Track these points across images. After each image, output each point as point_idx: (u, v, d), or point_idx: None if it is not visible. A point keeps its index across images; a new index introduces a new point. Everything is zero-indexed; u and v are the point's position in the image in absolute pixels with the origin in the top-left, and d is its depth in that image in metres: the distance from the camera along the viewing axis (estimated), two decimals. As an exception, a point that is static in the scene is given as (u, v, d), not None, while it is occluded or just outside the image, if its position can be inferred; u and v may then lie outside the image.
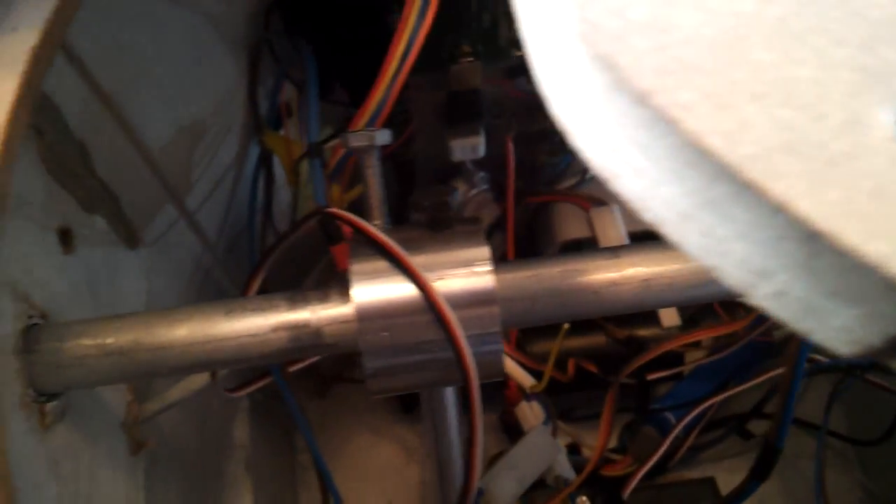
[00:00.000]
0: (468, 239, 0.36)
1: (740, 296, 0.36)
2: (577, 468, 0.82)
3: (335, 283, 0.38)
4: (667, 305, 0.38)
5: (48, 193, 0.41)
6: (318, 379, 0.93)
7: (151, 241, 0.54)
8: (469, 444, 0.36)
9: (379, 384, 0.37)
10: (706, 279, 0.37)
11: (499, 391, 0.75)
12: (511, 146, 0.70)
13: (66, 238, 0.42)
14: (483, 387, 0.39)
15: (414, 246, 0.36)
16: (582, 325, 0.83)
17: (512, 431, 0.82)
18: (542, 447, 0.58)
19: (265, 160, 0.59)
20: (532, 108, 0.69)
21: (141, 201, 0.52)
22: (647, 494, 0.83)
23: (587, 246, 0.73)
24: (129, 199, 0.50)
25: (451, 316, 0.34)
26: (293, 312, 0.36)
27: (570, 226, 0.74)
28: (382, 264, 0.35)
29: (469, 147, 0.68)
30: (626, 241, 0.72)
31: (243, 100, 0.60)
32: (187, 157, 0.56)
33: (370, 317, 0.35)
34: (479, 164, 0.73)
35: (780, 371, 0.73)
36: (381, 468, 0.89)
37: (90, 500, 0.41)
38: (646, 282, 0.37)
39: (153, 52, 0.48)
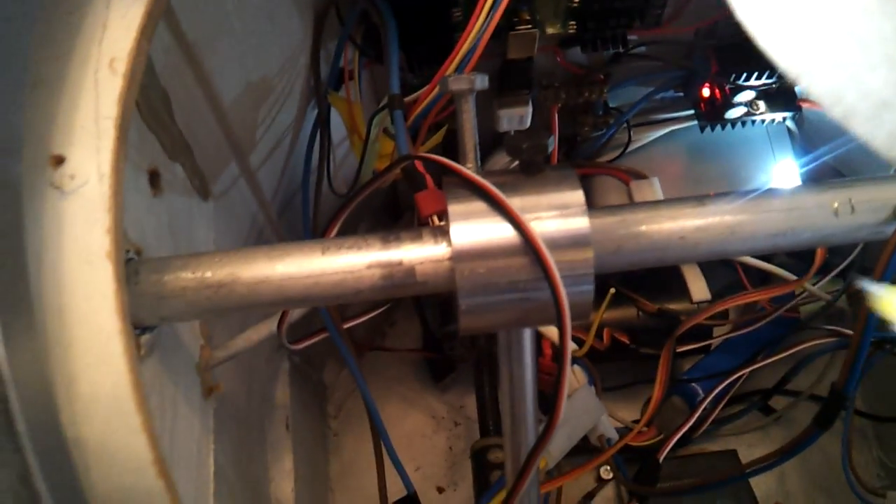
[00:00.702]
0: (562, 182, 0.37)
1: (820, 244, 0.37)
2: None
3: (426, 226, 0.39)
4: (750, 253, 0.39)
5: (140, 135, 0.42)
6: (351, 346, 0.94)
7: (218, 195, 0.55)
8: (557, 382, 0.37)
9: (470, 322, 0.38)
10: (789, 227, 0.38)
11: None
12: (556, 117, 0.71)
13: (154, 180, 0.43)
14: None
15: (509, 188, 0.37)
16: (614, 299, 0.84)
17: (546, 398, 0.84)
18: (588, 405, 0.60)
19: (323, 123, 0.60)
20: (580, 80, 0.70)
21: (211, 154, 0.53)
22: (671, 465, 0.85)
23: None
24: (201, 151, 0.51)
25: (549, 257, 0.36)
26: (387, 251, 0.38)
27: (611, 199, 0.75)
28: (479, 205, 0.37)
29: (516, 117, 0.69)
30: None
31: (306, 61, 0.61)
32: (253, 114, 0.57)
33: (467, 255, 0.36)
34: (523, 135, 0.74)
35: (807, 345, 0.75)
36: (410, 435, 0.91)
37: (172, 435, 0.43)
38: (730, 228, 0.38)
39: (233, 4, 0.49)
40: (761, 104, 0.71)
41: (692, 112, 0.74)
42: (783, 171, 0.76)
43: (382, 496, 0.63)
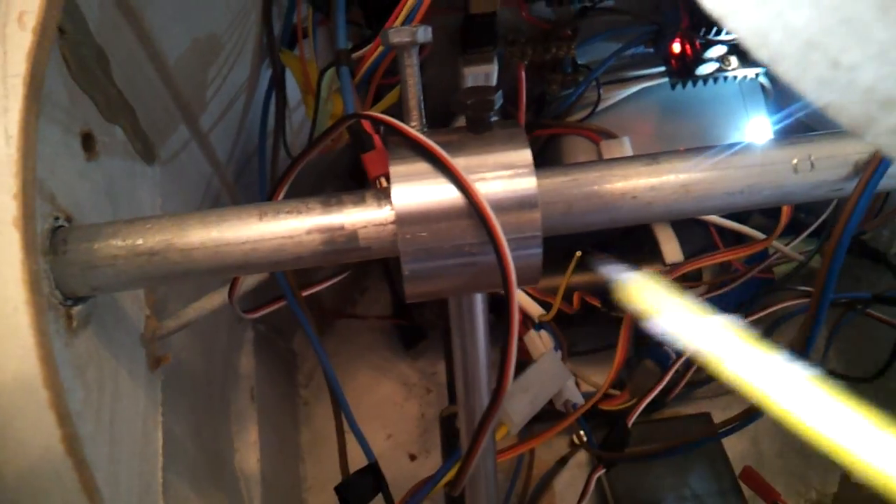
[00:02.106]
0: (510, 140, 0.35)
1: (780, 202, 0.35)
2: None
3: (369, 189, 0.37)
4: (708, 212, 0.38)
5: (71, 96, 0.40)
6: (320, 315, 0.93)
7: (166, 159, 0.53)
8: (504, 349, 0.36)
9: (415, 288, 0.36)
10: (746, 185, 0.37)
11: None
12: (523, 75, 0.69)
13: (88, 143, 0.41)
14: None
15: (454, 147, 0.35)
16: (585, 262, 0.83)
17: (519, 363, 0.83)
18: (553, 371, 0.59)
19: (278, 83, 0.58)
20: (547, 36, 0.68)
21: (156, 116, 0.51)
22: (645, 427, 0.85)
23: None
24: (146, 113, 0.49)
25: (494, 219, 0.34)
26: (328, 215, 0.36)
27: (580, 159, 0.74)
28: (423, 166, 0.35)
29: (482, 75, 0.67)
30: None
31: (258, 17, 0.58)
32: (202, 74, 0.55)
33: (410, 218, 0.35)
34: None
35: (780, 306, 0.74)
36: (381, 403, 0.90)
37: (113, 410, 0.41)
38: (685, 187, 0.37)
39: (171, -44, 0.47)
40: (733, 59, 0.69)
41: (663, 69, 0.72)
42: (757, 128, 0.75)
43: (343, 465, 0.61)
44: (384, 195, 0.36)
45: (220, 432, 0.69)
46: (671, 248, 0.81)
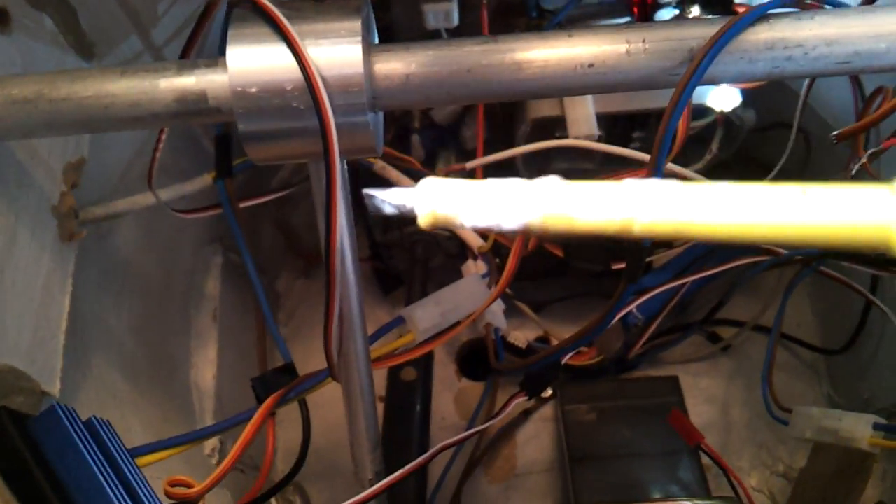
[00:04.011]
0: (345, 10, 0.38)
1: (617, 87, 0.36)
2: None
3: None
4: (542, 93, 0.39)
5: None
6: (304, 257, 0.97)
7: (110, 60, 0.57)
8: (326, 208, 0.38)
9: (255, 151, 0.39)
10: (577, 64, 0.38)
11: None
12: (486, 18, 0.71)
13: (2, 17, 0.45)
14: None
15: (295, 14, 0.37)
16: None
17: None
18: (472, 291, 0.60)
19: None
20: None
21: (101, 19, 0.54)
22: (611, 386, 0.85)
23: (558, 124, 0.74)
24: (88, 12, 0.53)
25: (319, 82, 0.36)
26: (182, 76, 0.39)
27: (542, 104, 0.74)
28: (263, 29, 0.37)
29: (442, 13, 0.69)
30: (594, 121, 0.72)
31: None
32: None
33: (244, 80, 0.37)
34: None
35: (738, 263, 0.73)
36: (356, 345, 0.92)
37: (4, 257, 0.44)
38: (517, 64, 0.38)
39: None
40: (695, 9, 0.69)
41: (628, 19, 0.73)
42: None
43: (262, 363, 0.64)
44: (236, 60, 0.38)
45: (175, 343, 0.73)
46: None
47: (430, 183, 0.28)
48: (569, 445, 0.80)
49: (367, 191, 0.28)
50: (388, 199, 0.28)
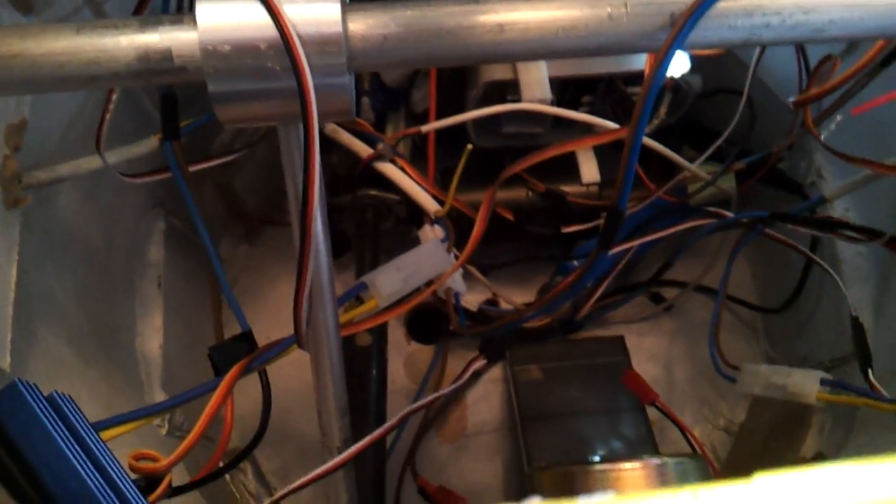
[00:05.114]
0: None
1: (599, 51, 0.36)
2: (493, 318, 0.84)
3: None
4: (525, 55, 0.38)
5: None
6: (247, 222, 0.94)
7: (49, 16, 0.53)
8: (305, 173, 0.37)
9: (226, 112, 0.37)
10: (559, 27, 0.37)
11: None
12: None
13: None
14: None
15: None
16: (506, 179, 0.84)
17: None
18: (432, 256, 0.59)
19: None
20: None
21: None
22: (559, 347, 0.86)
23: (510, 88, 0.74)
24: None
25: (296, 39, 0.35)
26: (145, 32, 0.37)
27: (495, 67, 0.74)
28: (234, -15, 0.36)
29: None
30: (548, 85, 0.72)
31: None
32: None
33: (214, 38, 0.35)
34: None
35: (685, 225, 0.75)
36: (303, 311, 0.91)
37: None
38: (499, 25, 0.37)
39: None
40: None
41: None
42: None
43: (218, 333, 0.63)
44: (201, 16, 0.37)
45: (120, 311, 0.70)
46: (589, 169, 0.82)
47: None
48: (519, 406, 0.81)
49: None
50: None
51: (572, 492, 0.49)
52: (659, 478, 0.46)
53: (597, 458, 0.57)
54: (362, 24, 0.37)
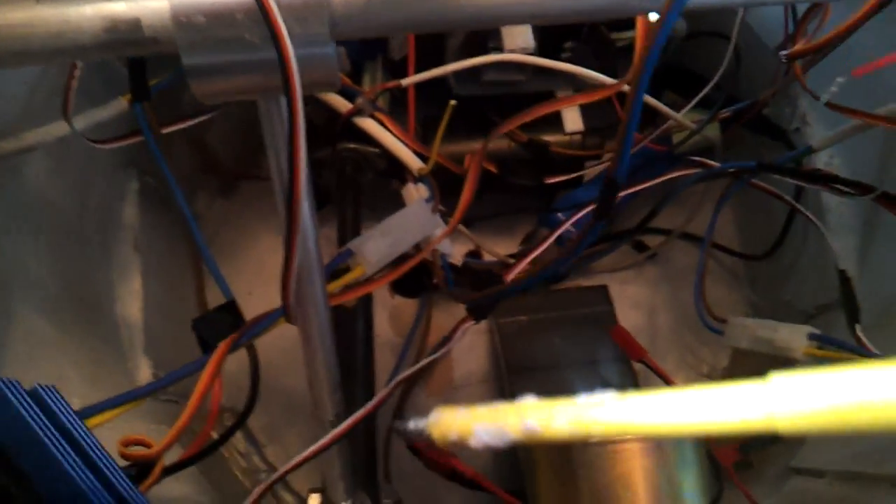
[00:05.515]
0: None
1: (593, 15, 0.34)
2: (476, 270, 0.84)
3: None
4: (521, 18, 0.37)
5: None
6: (222, 176, 0.92)
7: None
8: (289, 143, 0.35)
9: (202, 87, 0.35)
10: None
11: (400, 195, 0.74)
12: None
13: None
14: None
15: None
16: (486, 129, 0.82)
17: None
18: (418, 218, 0.58)
19: None
20: None
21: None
22: (543, 297, 0.85)
23: (492, 35, 0.71)
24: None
25: (275, 8, 0.33)
26: (111, 1, 0.34)
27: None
28: (205, -51, 0.33)
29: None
30: (530, 34, 0.70)
31: None
32: None
33: (187, 5, 0.33)
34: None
35: (670, 176, 0.74)
36: (284, 266, 0.89)
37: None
38: (488, -11, 0.35)
39: None
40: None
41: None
42: None
43: (201, 302, 0.62)
44: (172, -16, 0.34)
45: (97, 278, 0.68)
46: (572, 118, 0.80)
47: (438, 414, 0.37)
48: (505, 357, 0.81)
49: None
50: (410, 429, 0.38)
51: (572, 467, 0.49)
52: (656, 451, 0.46)
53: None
54: (345, -10, 0.35)
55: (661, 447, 0.46)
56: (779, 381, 0.25)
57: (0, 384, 0.34)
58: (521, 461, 0.61)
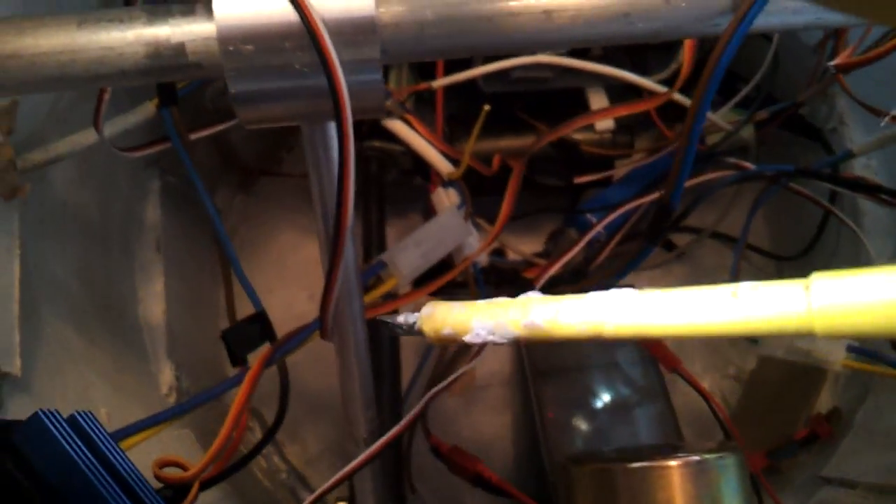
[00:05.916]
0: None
1: (654, 36, 0.33)
2: (501, 269, 0.83)
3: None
4: (573, 43, 0.35)
5: None
6: (242, 172, 0.90)
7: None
8: (340, 178, 0.34)
9: (248, 113, 0.34)
10: (613, 14, 0.34)
11: (425, 192, 0.73)
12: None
13: None
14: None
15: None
16: (514, 126, 0.80)
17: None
18: (451, 227, 0.57)
19: None
20: None
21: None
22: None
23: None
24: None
25: (326, 37, 0.31)
26: (153, 26, 0.33)
27: None
28: (251, -29, 0.32)
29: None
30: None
31: None
32: None
33: (234, 33, 0.32)
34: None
35: (705, 178, 0.72)
36: (304, 263, 0.89)
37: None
38: (547, 14, 0.34)
39: None
40: None
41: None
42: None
43: (231, 313, 0.61)
44: (216, 7, 0.33)
45: (120, 281, 0.67)
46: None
47: (431, 307, 0.36)
48: (530, 359, 0.80)
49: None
50: (397, 323, 0.37)
51: (613, 490, 0.48)
52: (700, 475, 0.45)
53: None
54: (394, 13, 0.33)
55: (705, 471, 0.45)
56: (820, 280, 0.25)
57: (41, 416, 0.33)
58: (555, 478, 0.60)
